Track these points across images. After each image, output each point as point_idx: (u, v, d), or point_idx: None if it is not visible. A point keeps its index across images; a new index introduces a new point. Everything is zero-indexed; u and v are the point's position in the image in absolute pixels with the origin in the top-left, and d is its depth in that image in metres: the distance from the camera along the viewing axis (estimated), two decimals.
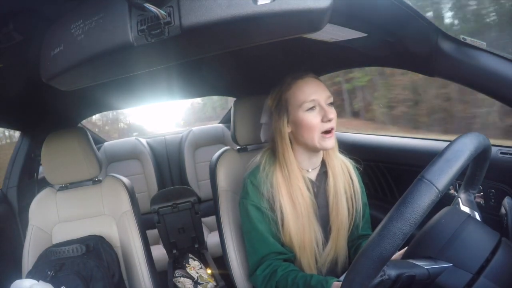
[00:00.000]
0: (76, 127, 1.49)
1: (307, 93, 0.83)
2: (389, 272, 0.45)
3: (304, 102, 0.82)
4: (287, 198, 0.85)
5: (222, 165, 1.10)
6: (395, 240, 0.41)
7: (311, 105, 0.82)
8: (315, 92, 0.83)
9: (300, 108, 0.83)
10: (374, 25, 0.72)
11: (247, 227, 0.89)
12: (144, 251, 1.14)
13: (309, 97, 0.82)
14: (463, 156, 0.44)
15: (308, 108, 0.82)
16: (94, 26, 0.50)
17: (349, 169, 0.95)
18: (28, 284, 0.85)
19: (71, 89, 0.63)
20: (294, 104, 0.84)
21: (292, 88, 0.85)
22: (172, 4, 0.46)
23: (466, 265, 0.47)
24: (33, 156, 1.55)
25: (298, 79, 0.86)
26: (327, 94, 0.84)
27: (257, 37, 0.54)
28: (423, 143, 1.18)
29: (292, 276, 0.80)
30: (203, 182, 2.23)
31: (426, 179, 0.42)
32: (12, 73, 0.85)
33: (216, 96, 3.15)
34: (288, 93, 0.86)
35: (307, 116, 0.82)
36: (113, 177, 1.22)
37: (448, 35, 0.71)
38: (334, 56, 1.12)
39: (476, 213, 0.59)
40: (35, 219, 1.12)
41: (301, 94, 0.83)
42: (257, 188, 0.87)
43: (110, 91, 1.37)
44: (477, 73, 0.70)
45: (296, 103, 0.84)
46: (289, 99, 0.86)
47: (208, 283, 1.45)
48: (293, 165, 0.86)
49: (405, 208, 0.41)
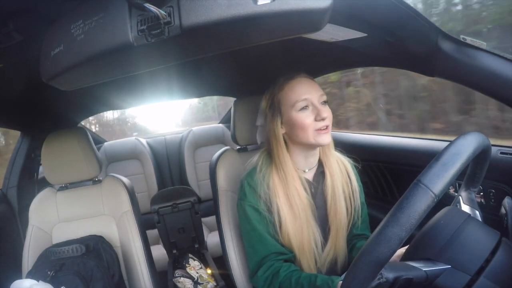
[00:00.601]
0: (76, 127, 1.49)
1: (299, 93, 0.83)
2: (387, 275, 0.45)
3: (297, 102, 0.82)
4: (284, 200, 0.85)
5: (222, 165, 1.10)
6: (391, 245, 0.41)
7: (303, 105, 0.82)
8: (307, 91, 0.83)
9: (293, 108, 0.83)
10: (374, 25, 0.72)
11: (246, 229, 0.89)
12: (144, 251, 1.14)
13: (301, 96, 0.82)
14: (460, 160, 0.44)
15: (301, 108, 0.82)
16: (94, 26, 0.50)
17: (347, 168, 0.94)
18: (28, 284, 0.85)
19: (71, 89, 0.63)
20: (286, 105, 0.84)
21: (284, 89, 0.85)
22: (172, 4, 0.46)
23: (465, 267, 0.47)
24: (33, 156, 1.55)
25: (290, 79, 0.86)
26: (319, 93, 0.84)
27: (257, 37, 0.54)
28: (423, 143, 1.18)
29: (295, 277, 0.80)
30: (203, 182, 2.23)
31: (422, 184, 0.42)
32: (12, 73, 0.85)
33: (215, 96, 3.15)
34: (280, 94, 0.86)
35: (300, 116, 0.82)
36: (113, 177, 1.22)
37: (448, 35, 0.71)
38: (334, 56, 1.12)
39: (477, 212, 0.59)
40: (35, 219, 1.12)
41: (293, 94, 0.83)
42: (254, 190, 0.87)
43: (110, 91, 1.37)
44: (477, 73, 0.70)
45: (289, 103, 0.84)
46: (281, 100, 0.86)
47: (208, 283, 1.45)
48: (289, 166, 0.86)
49: (401, 213, 0.41)
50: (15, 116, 1.34)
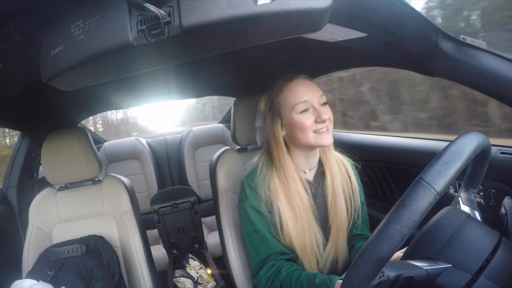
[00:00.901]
0: (76, 127, 1.49)
1: (298, 95, 0.82)
2: (388, 273, 0.45)
3: (296, 104, 0.82)
4: (286, 202, 0.85)
5: (222, 165, 1.10)
6: (393, 243, 0.41)
7: (303, 107, 0.82)
8: (306, 93, 0.82)
9: (293, 111, 0.82)
10: (374, 25, 0.72)
11: (248, 229, 0.89)
12: (144, 251, 1.14)
13: (300, 98, 0.82)
14: (461, 158, 0.44)
15: (302, 111, 0.82)
16: (94, 26, 0.50)
17: (347, 168, 0.94)
18: (28, 284, 0.85)
19: (71, 89, 0.63)
20: (286, 107, 0.84)
21: (283, 91, 0.85)
22: (172, 4, 0.46)
23: (466, 266, 0.47)
24: (33, 156, 1.55)
25: (289, 81, 0.85)
26: (319, 94, 0.83)
27: (257, 37, 0.54)
28: (423, 143, 1.18)
29: (296, 276, 0.80)
30: (203, 182, 2.23)
31: (424, 181, 0.42)
32: (12, 73, 0.85)
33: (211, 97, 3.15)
34: (279, 97, 0.85)
35: (300, 118, 0.82)
36: (113, 177, 1.22)
37: (448, 35, 0.71)
38: (334, 56, 1.12)
39: (477, 212, 0.59)
40: (35, 219, 1.12)
41: (292, 97, 0.83)
42: (255, 191, 0.87)
43: (110, 91, 1.37)
44: (477, 73, 0.70)
45: (289, 106, 0.83)
46: (281, 102, 0.85)
47: (208, 283, 1.45)
48: (290, 168, 0.86)
49: (403, 211, 0.41)
50: (15, 116, 1.34)
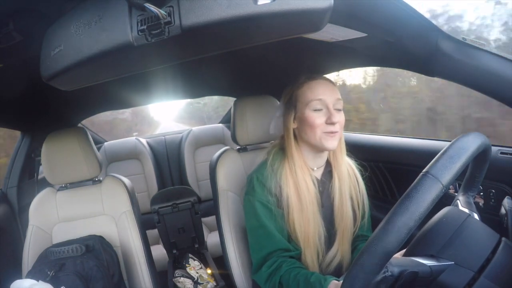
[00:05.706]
0: (76, 127, 1.50)
1: (316, 92, 0.85)
2: (392, 268, 0.44)
3: (312, 101, 0.84)
4: (294, 190, 0.86)
5: (222, 165, 1.10)
6: (400, 235, 0.41)
7: (318, 106, 0.84)
8: (324, 93, 0.85)
9: (307, 107, 0.85)
10: (374, 25, 0.72)
11: (253, 224, 0.89)
12: (144, 251, 1.14)
13: (317, 96, 0.84)
14: (466, 153, 0.45)
15: (315, 109, 0.84)
16: (94, 26, 0.50)
17: (355, 173, 0.96)
18: (28, 284, 0.85)
19: (71, 89, 0.63)
20: (302, 102, 0.87)
21: (303, 87, 0.88)
22: (172, 4, 0.46)
23: (468, 263, 0.47)
24: (33, 156, 1.55)
25: (311, 79, 0.88)
26: (336, 97, 0.85)
27: (257, 37, 0.54)
28: (423, 143, 1.18)
29: (294, 272, 0.80)
30: (203, 182, 2.23)
31: (430, 174, 0.43)
32: (12, 73, 0.85)
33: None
34: (299, 91, 0.88)
35: (312, 115, 0.84)
36: (113, 177, 1.22)
37: (448, 35, 0.71)
38: (334, 56, 1.12)
39: (476, 215, 0.59)
40: (35, 219, 1.12)
41: (310, 93, 0.86)
42: (263, 185, 0.88)
43: (110, 91, 1.37)
44: (477, 73, 0.70)
45: (304, 101, 0.86)
46: (298, 96, 0.88)
47: (208, 283, 1.45)
48: (300, 160, 0.88)
49: (409, 202, 0.41)
50: (15, 116, 1.34)
